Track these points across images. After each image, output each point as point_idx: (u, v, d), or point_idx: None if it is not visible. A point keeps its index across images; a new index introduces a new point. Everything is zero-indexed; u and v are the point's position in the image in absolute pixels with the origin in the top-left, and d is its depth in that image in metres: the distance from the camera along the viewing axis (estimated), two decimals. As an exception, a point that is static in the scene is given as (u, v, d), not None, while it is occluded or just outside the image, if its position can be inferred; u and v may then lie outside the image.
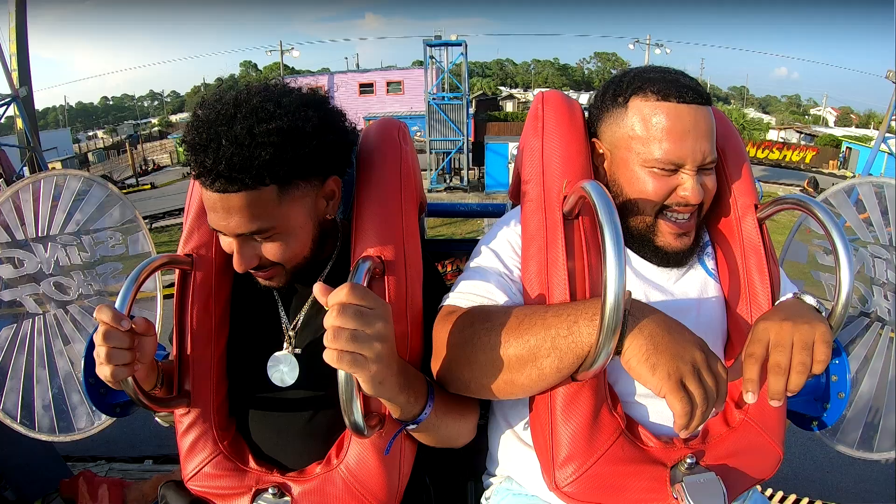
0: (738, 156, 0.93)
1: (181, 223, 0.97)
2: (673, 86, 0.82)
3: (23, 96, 9.69)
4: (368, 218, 0.87)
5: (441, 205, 1.57)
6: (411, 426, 0.76)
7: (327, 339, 0.60)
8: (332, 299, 0.62)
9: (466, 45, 16.60)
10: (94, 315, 0.73)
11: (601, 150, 0.90)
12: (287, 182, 0.77)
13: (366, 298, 0.62)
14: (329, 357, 0.61)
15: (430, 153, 16.78)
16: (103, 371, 0.73)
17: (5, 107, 9.68)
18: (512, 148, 16.46)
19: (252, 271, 0.83)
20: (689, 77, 0.85)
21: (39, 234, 1.57)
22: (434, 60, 17.04)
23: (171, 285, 0.92)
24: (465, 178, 16.94)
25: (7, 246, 1.53)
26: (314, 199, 0.83)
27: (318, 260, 0.91)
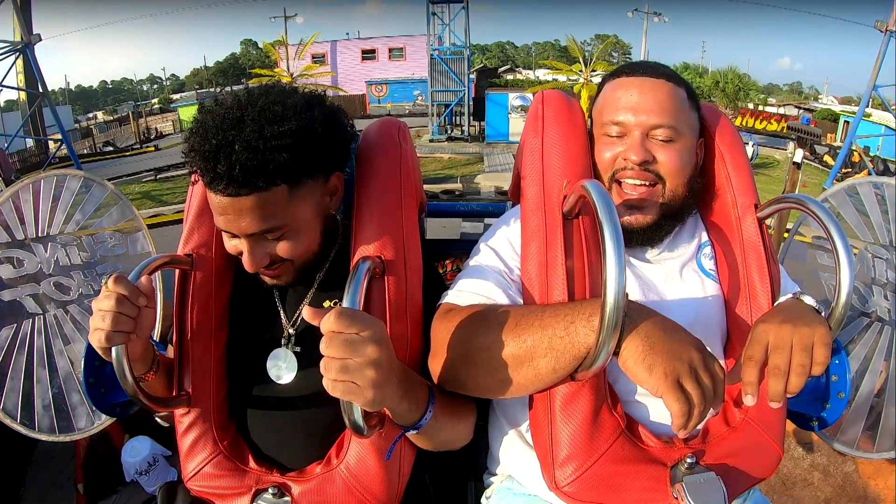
0: (737, 154, 0.92)
1: (184, 174, 0.97)
2: (632, 65, 0.90)
3: (35, 42, 9.62)
4: (368, 217, 0.87)
5: (441, 205, 1.57)
6: (412, 431, 0.76)
7: (321, 369, 0.61)
8: (323, 326, 0.61)
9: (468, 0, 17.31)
10: (109, 284, 0.73)
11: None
12: (297, 181, 0.78)
13: (353, 324, 0.61)
14: (325, 385, 0.61)
15: (432, 105, 17.38)
16: (99, 335, 0.72)
17: (18, 54, 9.58)
18: (512, 99, 16.86)
19: (261, 270, 0.83)
20: (659, 64, 0.91)
21: (39, 234, 1.57)
22: (436, 17, 17.60)
23: (158, 216, 0.92)
24: (466, 129, 17.49)
25: (7, 246, 1.53)
26: (320, 195, 0.84)
27: (318, 258, 0.91)
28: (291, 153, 0.74)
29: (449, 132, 17.67)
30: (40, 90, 9.93)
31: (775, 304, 0.83)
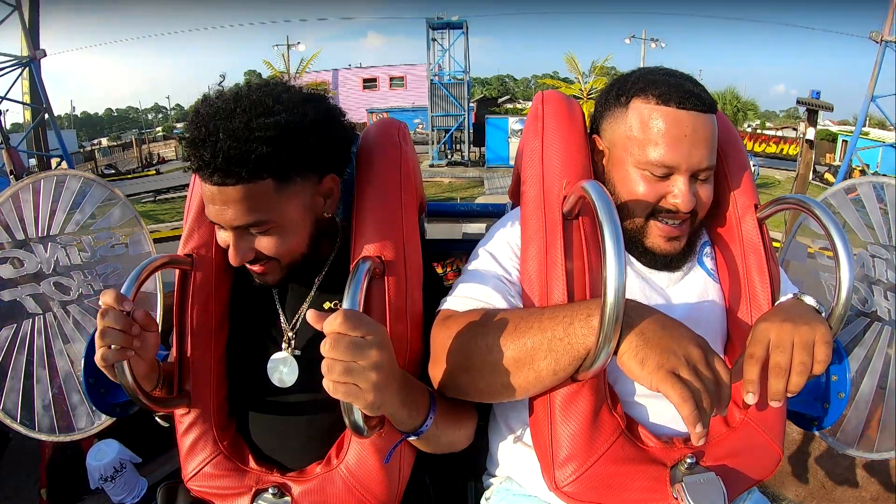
0: (739, 157, 0.93)
1: (183, 196, 0.97)
2: (675, 90, 0.81)
3: (40, 58, 9.61)
4: (368, 218, 0.87)
5: (441, 205, 1.57)
6: (412, 437, 0.76)
7: (323, 370, 0.61)
8: (327, 328, 0.61)
9: (467, 25, 17.38)
10: (100, 299, 0.74)
11: (601, 148, 0.89)
12: (284, 176, 0.78)
13: (359, 327, 0.61)
14: (326, 386, 0.61)
15: (433, 130, 17.37)
16: (97, 355, 0.72)
17: (22, 69, 9.58)
18: (512, 123, 16.85)
19: (247, 265, 0.83)
20: (694, 82, 0.84)
21: (39, 234, 1.58)
22: (437, 42, 17.70)
23: (154, 232, 0.92)
24: (467, 154, 17.46)
25: (7, 246, 1.53)
26: (311, 195, 0.83)
27: (317, 259, 0.91)
28: (276, 146, 0.74)
29: (449, 157, 17.68)
30: (44, 106, 9.98)
31: (776, 304, 0.83)
